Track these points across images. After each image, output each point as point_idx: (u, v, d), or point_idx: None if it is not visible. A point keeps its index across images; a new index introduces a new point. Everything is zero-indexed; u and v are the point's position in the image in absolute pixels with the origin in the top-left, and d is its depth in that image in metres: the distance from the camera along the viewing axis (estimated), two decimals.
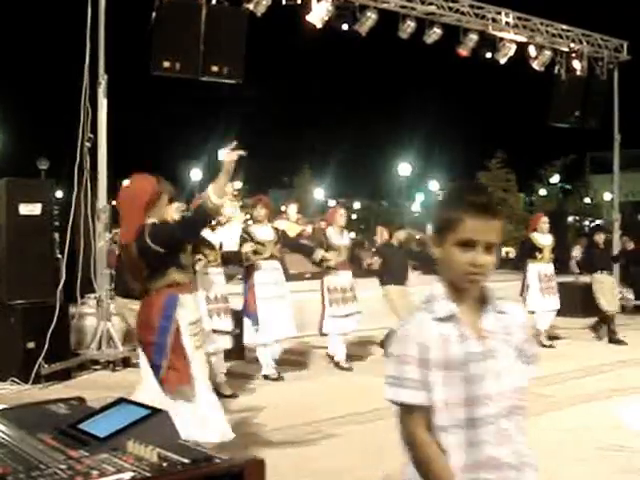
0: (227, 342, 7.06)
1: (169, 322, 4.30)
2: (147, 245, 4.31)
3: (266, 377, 7.70)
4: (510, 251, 11.13)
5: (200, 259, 6.51)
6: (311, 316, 8.76)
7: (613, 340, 10.30)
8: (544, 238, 10.13)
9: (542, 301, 9.93)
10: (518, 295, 10.03)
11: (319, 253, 8.16)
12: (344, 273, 8.41)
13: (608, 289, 10.53)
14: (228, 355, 7.53)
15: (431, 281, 2.00)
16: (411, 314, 1.96)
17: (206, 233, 6.44)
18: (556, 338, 10.47)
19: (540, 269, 10.03)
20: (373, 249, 9.65)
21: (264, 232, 7.78)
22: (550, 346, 9.85)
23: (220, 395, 6.59)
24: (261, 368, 7.80)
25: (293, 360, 8.73)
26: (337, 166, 42.26)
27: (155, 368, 4.28)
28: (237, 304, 7.81)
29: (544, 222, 10.14)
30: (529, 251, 10.16)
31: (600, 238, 10.75)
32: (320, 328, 8.38)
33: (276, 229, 8.04)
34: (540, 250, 10.04)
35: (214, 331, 6.69)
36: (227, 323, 7.01)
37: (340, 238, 8.50)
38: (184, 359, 4.28)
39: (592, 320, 11.01)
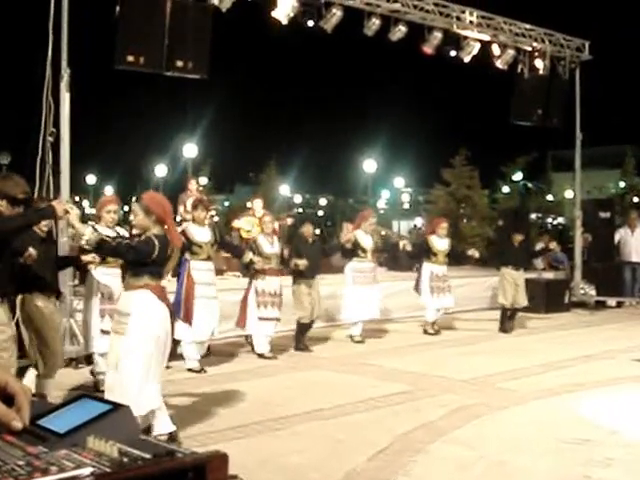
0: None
1: None
2: None
3: (190, 370, 7.83)
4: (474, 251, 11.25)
5: (92, 261, 6.47)
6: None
7: (501, 329, 10.91)
8: (441, 242, 10.72)
9: (431, 299, 10.62)
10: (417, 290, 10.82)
11: (248, 256, 8.49)
12: (273, 279, 8.79)
13: (511, 284, 10.93)
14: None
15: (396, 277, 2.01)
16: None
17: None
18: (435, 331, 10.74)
19: (433, 269, 10.63)
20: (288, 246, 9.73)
21: (202, 234, 8.00)
22: (435, 334, 10.59)
23: None
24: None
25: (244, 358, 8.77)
26: (303, 162, 42.36)
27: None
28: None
29: (443, 227, 10.79)
30: (424, 252, 10.73)
31: (517, 238, 11.16)
32: (242, 325, 8.78)
33: (214, 230, 8.23)
34: (435, 254, 10.64)
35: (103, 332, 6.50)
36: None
37: (270, 247, 8.86)
38: None
39: (555, 315, 11.18)
